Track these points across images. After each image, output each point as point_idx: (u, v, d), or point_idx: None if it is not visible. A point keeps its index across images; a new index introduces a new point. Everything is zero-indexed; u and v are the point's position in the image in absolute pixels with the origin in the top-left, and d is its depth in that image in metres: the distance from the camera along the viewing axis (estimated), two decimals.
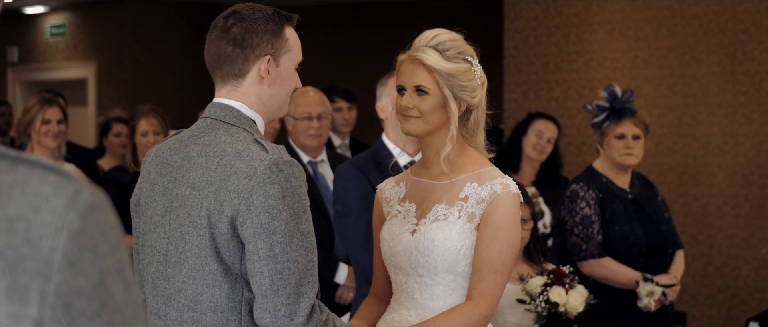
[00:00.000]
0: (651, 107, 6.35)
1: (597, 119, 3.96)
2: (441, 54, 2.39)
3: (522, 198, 3.62)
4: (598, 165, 4.00)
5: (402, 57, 2.45)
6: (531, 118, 4.88)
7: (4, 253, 0.90)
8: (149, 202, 2.14)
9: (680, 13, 6.23)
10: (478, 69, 2.44)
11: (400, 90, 2.43)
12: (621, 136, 3.91)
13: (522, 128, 4.85)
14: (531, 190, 4.57)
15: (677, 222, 5.89)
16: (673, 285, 3.82)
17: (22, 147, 4.60)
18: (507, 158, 4.81)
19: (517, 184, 2.45)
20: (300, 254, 1.99)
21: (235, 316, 2.03)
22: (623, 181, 3.98)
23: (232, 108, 2.13)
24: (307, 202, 2.04)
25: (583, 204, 3.88)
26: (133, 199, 2.21)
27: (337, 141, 5.30)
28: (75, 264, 0.92)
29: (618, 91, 3.94)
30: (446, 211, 2.40)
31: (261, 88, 2.14)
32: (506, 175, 2.44)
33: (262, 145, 2.04)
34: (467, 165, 2.44)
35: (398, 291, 2.49)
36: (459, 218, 2.38)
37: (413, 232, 2.42)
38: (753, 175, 6.00)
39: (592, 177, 3.96)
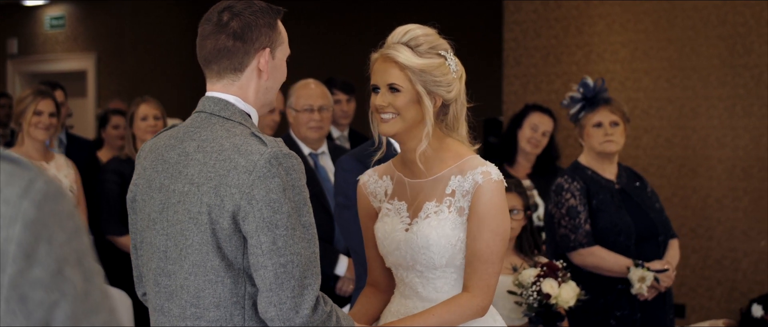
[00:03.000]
0: (650, 100, 6.35)
1: (573, 111, 4.00)
2: (413, 50, 2.36)
3: (515, 189, 3.65)
4: (583, 159, 4.01)
5: (374, 56, 2.42)
6: (527, 110, 4.86)
7: None
8: (146, 199, 2.13)
9: (680, 6, 6.23)
10: (453, 62, 2.40)
11: (374, 89, 2.41)
12: (598, 125, 3.93)
13: (517, 121, 4.83)
14: (526, 183, 4.56)
15: (676, 214, 5.91)
16: (665, 270, 3.82)
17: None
18: (503, 151, 4.81)
19: (512, 175, 2.45)
20: (303, 247, 1.99)
21: (238, 310, 2.03)
22: (609, 172, 3.99)
23: (227, 102, 2.12)
24: (307, 194, 2.04)
25: (568, 195, 3.89)
26: (129, 196, 2.19)
27: (336, 133, 5.31)
28: (30, 254, 0.89)
29: (590, 81, 3.97)
30: (437, 208, 2.39)
31: (259, 82, 2.14)
32: (488, 162, 2.41)
33: (260, 138, 2.03)
34: (448, 159, 2.42)
35: (401, 285, 2.50)
36: (450, 213, 2.38)
37: (406, 230, 2.42)
38: (752, 167, 6.00)
39: (577, 170, 3.98)
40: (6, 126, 7.76)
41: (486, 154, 6.55)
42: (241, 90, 2.13)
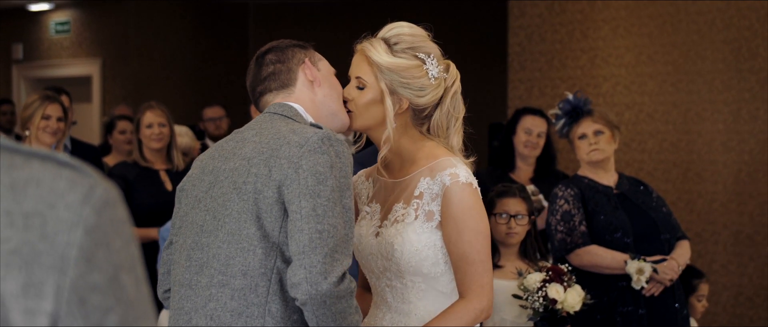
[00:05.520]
0: (656, 104, 6.35)
1: (558, 127, 4.11)
2: (389, 47, 2.32)
3: (519, 194, 3.66)
4: (581, 171, 4.11)
5: (356, 47, 2.41)
6: (518, 115, 4.82)
7: (21, 250, 0.90)
8: (196, 183, 2.23)
9: (685, 10, 6.22)
10: (433, 69, 2.32)
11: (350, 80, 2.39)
12: (582, 136, 4.03)
13: (511, 127, 4.80)
14: (530, 188, 4.53)
15: (682, 219, 5.89)
16: (663, 259, 3.84)
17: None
18: (501, 158, 4.79)
19: (515, 181, 2.42)
20: (340, 223, 2.04)
21: (264, 282, 2.06)
22: (607, 180, 4.06)
23: (291, 106, 2.26)
24: (352, 183, 2.11)
25: (562, 201, 3.97)
26: (179, 186, 2.30)
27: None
28: (90, 259, 0.92)
29: (570, 97, 4.08)
30: (404, 211, 2.30)
31: (312, 92, 2.29)
32: (459, 164, 2.29)
33: (318, 125, 2.17)
34: (421, 159, 2.33)
35: (374, 293, 2.43)
36: (416, 218, 2.28)
37: (377, 234, 2.35)
38: (758, 172, 5.99)
39: (574, 179, 4.08)
40: (9, 132, 7.77)
41: (491, 158, 6.46)
42: (299, 100, 2.28)
